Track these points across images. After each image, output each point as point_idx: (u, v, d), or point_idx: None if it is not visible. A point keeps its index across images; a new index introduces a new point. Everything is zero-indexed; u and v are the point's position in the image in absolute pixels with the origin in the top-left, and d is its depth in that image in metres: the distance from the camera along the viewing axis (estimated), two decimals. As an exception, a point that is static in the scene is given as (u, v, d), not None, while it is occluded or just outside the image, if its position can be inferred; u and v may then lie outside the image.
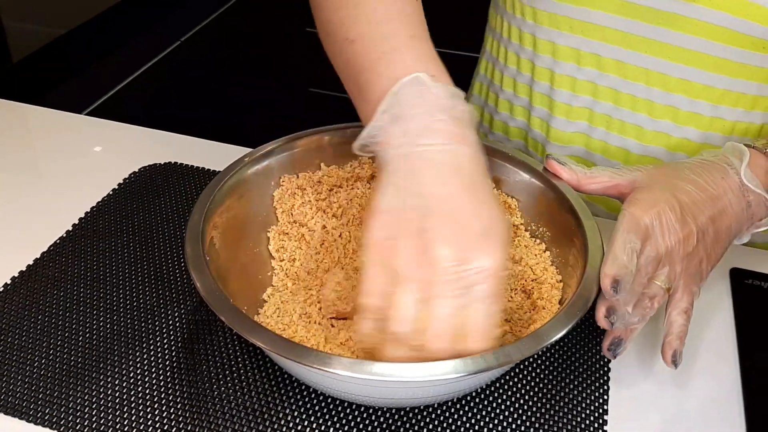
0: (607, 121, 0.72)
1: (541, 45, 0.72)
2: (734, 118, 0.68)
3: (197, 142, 0.85)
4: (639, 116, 0.71)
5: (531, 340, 0.46)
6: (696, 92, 0.67)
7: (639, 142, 0.72)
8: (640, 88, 0.69)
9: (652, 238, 0.52)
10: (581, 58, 0.71)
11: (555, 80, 0.73)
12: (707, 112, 0.68)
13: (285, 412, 0.53)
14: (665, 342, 0.54)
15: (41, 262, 0.66)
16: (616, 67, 0.69)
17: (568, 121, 0.74)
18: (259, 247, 0.63)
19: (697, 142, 0.70)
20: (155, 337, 0.59)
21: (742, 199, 0.56)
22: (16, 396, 0.54)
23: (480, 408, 0.54)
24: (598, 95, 0.72)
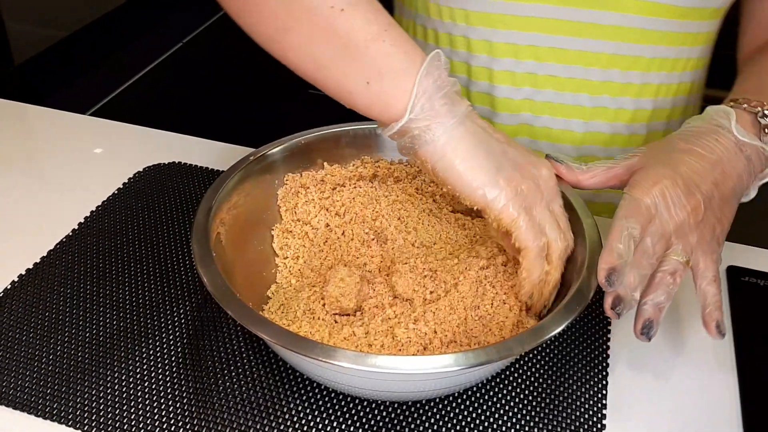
0: (550, 108, 0.75)
1: (475, 45, 0.73)
2: (659, 81, 0.74)
3: (200, 142, 0.86)
4: (580, 97, 0.73)
5: (531, 334, 0.47)
6: (628, 64, 0.71)
7: (582, 120, 0.74)
8: (578, 70, 0.72)
9: (656, 217, 0.53)
10: (519, 52, 0.72)
11: (494, 77, 0.74)
12: (638, 80, 0.73)
13: (290, 406, 0.54)
14: (705, 314, 0.54)
15: (48, 261, 0.67)
16: (554, 54, 0.71)
17: (511, 115, 0.75)
18: (264, 245, 0.63)
19: (630, 110, 0.75)
20: (161, 334, 0.60)
21: (741, 156, 0.57)
22: (24, 391, 0.55)
23: (481, 402, 0.55)
24: (538, 85, 0.73)
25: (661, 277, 0.53)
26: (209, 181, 0.77)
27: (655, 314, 0.53)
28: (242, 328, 0.60)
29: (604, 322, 0.62)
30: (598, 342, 0.61)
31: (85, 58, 2.49)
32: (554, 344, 0.60)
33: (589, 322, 0.62)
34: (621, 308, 0.51)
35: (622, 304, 0.51)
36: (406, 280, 0.57)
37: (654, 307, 0.53)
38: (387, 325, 0.54)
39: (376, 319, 0.55)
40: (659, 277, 0.53)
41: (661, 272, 0.53)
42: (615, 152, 0.76)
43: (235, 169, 0.61)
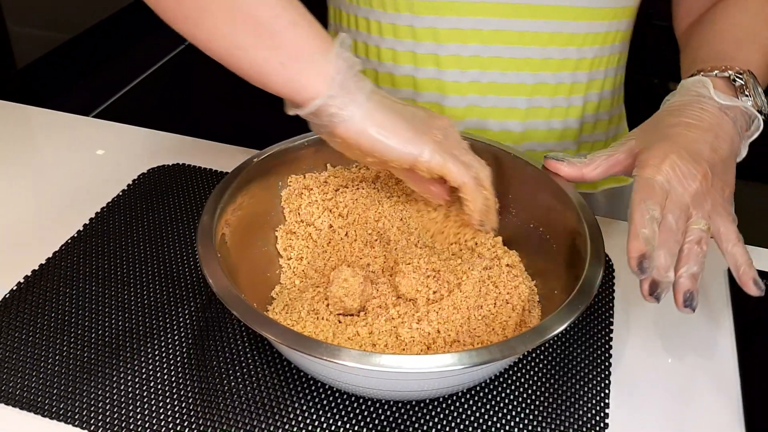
0: (495, 88, 0.76)
1: (421, 33, 0.74)
2: (593, 55, 0.76)
3: (205, 144, 0.86)
4: (522, 75, 0.75)
5: (534, 333, 0.47)
6: (565, 41, 0.74)
7: (525, 97, 0.76)
8: (520, 50, 0.74)
9: (672, 193, 0.54)
10: (464, 37, 0.74)
11: (441, 63, 0.75)
12: (575, 55, 0.75)
13: (294, 405, 0.55)
14: (741, 274, 0.55)
15: (53, 262, 0.67)
16: (497, 36, 0.73)
17: (460, 97, 0.77)
18: (268, 246, 0.64)
19: (568, 83, 0.77)
20: (166, 334, 0.60)
21: (727, 119, 0.59)
22: (31, 391, 0.55)
23: (485, 402, 0.55)
24: (483, 66, 0.75)
25: (689, 248, 0.54)
26: (213, 183, 0.78)
27: (692, 284, 0.53)
28: (247, 329, 0.61)
29: (606, 321, 0.63)
30: (601, 341, 0.61)
31: (88, 61, 2.49)
32: (557, 343, 0.60)
33: (592, 321, 0.63)
34: (659, 292, 0.52)
35: (659, 288, 0.52)
36: (409, 281, 0.57)
37: (690, 277, 0.53)
38: (391, 325, 0.55)
39: (380, 319, 0.55)
40: (687, 248, 0.54)
41: (688, 243, 0.54)
42: (556, 125, 0.79)
43: (239, 170, 0.62)
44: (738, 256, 0.55)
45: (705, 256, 0.54)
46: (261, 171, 0.63)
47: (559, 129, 0.79)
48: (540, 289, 0.61)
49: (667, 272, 0.52)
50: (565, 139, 0.80)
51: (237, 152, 0.83)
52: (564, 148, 0.81)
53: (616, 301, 0.65)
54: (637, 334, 0.62)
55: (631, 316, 0.64)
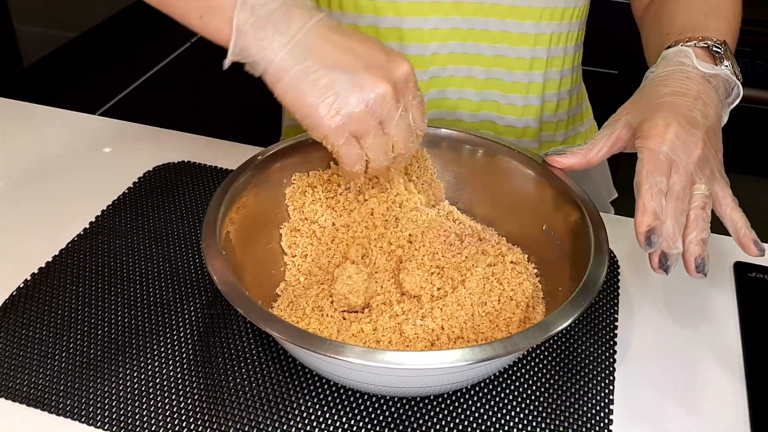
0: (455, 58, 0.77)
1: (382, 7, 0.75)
2: (551, 31, 0.77)
3: (210, 141, 0.86)
4: (480, 46, 0.76)
5: (538, 330, 0.48)
6: (521, 15, 0.75)
7: (482, 68, 0.78)
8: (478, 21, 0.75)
9: (677, 162, 0.54)
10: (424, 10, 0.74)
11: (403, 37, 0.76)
12: (533, 30, 0.76)
13: (299, 402, 0.55)
14: (741, 236, 0.55)
15: (59, 260, 0.68)
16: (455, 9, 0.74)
17: (422, 71, 0.77)
18: (272, 243, 0.64)
19: (527, 59, 0.78)
20: (172, 331, 0.61)
21: (710, 87, 0.60)
22: (38, 388, 0.56)
23: (489, 398, 0.56)
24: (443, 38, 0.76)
25: (696, 214, 0.54)
26: (218, 180, 0.78)
27: (702, 250, 0.54)
28: (252, 326, 0.61)
29: (611, 318, 0.63)
30: (605, 337, 0.61)
31: (94, 59, 2.50)
32: (561, 339, 0.60)
33: (597, 317, 0.63)
34: (669, 264, 0.53)
35: (668, 260, 0.53)
36: (413, 277, 0.58)
37: (699, 243, 0.53)
38: (395, 321, 0.55)
39: (384, 315, 0.55)
40: (693, 214, 0.54)
41: (693, 209, 0.54)
42: (515, 99, 0.80)
43: (243, 168, 0.62)
44: (737, 220, 0.55)
45: (710, 219, 0.54)
46: (265, 169, 0.64)
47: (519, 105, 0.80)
48: (544, 285, 0.61)
49: (675, 242, 0.53)
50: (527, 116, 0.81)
51: (242, 150, 0.83)
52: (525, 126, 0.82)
53: (620, 297, 0.65)
54: (642, 330, 0.62)
55: (635, 312, 0.64)
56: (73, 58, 2.45)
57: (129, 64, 2.53)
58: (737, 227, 0.55)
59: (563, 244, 0.61)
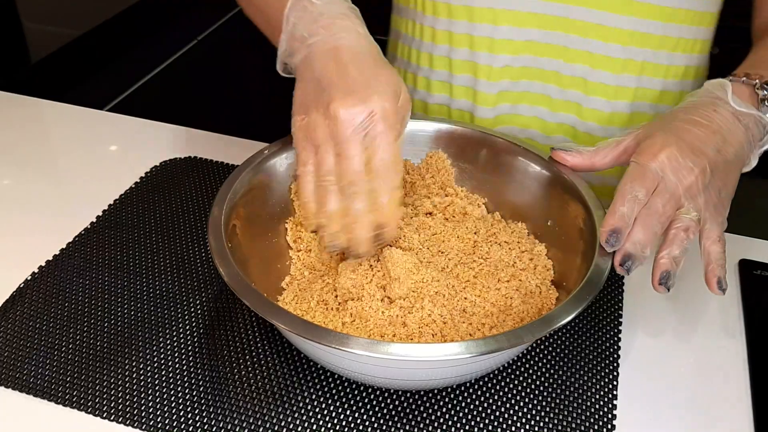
0: (528, 73, 0.75)
1: (456, 11, 0.74)
2: (642, 58, 0.72)
3: (216, 137, 0.87)
4: (558, 62, 0.74)
5: (541, 323, 0.48)
6: (609, 35, 0.71)
7: (559, 87, 0.75)
8: (558, 36, 0.72)
9: (664, 181, 0.54)
10: (497, 17, 0.73)
11: (474, 44, 0.75)
12: (619, 54, 0.72)
13: (304, 394, 0.55)
14: (708, 271, 0.55)
15: (67, 253, 0.68)
16: (533, 20, 0.72)
17: (491, 83, 0.76)
18: (278, 237, 0.64)
19: (612, 85, 0.74)
20: (178, 324, 0.61)
21: (739, 125, 0.58)
22: (45, 379, 0.56)
23: (492, 392, 0.56)
24: (517, 51, 0.74)
25: (675, 233, 0.54)
26: (224, 176, 0.78)
27: (672, 266, 0.53)
28: (257, 319, 0.61)
29: (616, 314, 0.63)
30: (610, 333, 0.61)
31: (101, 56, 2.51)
32: (566, 335, 0.61)
33: (602, 312, 0.63)
34: (629, 264, 0.52)
35: (630, 260, 0.52)
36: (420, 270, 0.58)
37: (670, 260, 0.53)
38: (400, 314, 0.55)
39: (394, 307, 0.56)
40: (672, 233, 0.54)
41: (675, 229, 0.54)
42: (594, 128, 0.77)
43: (249, 162, 0.62)
44: (713, 254, 0.55)
45: (690, 243, 0.54)
46: (271, 163, 0.64)
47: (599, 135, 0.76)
48: (555, 279, 0.61)
49: (644, 249, 0.53)
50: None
51: (247, 145, 0.84)
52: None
53: (625, 293, 0.65)
54: (646, 327, 0.63)
55: (640, 308, 0.64)
56: (81, 54, 2.46)
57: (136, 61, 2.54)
58: (709, 260, 0.55)
59: (568, 240, 0.61)
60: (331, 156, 0.54)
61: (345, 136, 0.53)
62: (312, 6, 0.58)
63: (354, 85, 0.53)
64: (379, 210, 0.54)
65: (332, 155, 0.54)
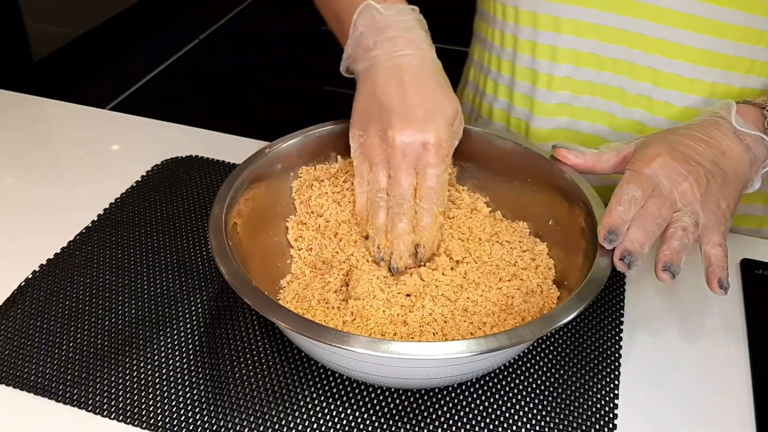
0: (590, 87, 0.73)
1: (522, 17, 0.73)
2: (712, 79, 0.69)
3: (217, 136, 0.87)
4: (621, 78, 0.72)
5: (543, 322, 0.48)
6: (674, 52, 0.68)
7: (622, 105, 0.73)
8: (620, 50, 0.70)
9: (659, 186, 0.54)
10: (560, 25, 0.71)
11: (537, 51, 0.74)
12: (685, 73, 0.69)
13: (304, 393, 0.55)
14: (708, 273, 0.54)
15: (68, 251, 0.68)
16: (595, 31, 0.70)
17: (550, 92, 0.75)
18: (279, 236, 0.64)
19: (678, 106, 0.71)
20: (178, 322, 0.61)
21: (740, 143, 0.58)
22: (45, 377, 0.56)
23: (494, 392, 0.56)
24: (578, 62, 0.72)
25: (673, 231, 0.54)
26: (225, 174, 0.78)
27: (674, 257, 0.53)
28: (258, 317, 0.61)
29: (617, 313, 0.63)
30: (611, 332, 0.61)
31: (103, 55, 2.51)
32: (567, 333, 0.60)
33: (603, 311, 0.63)
34: (629, 259, 0.52)
35: (630, 255, 0.52)
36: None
37: (671, 251, 0.53)
38: (401, 312, 0.55)
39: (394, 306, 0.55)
40: (670, 232, 0.54)
41: (673, 228, 0.54)
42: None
43: (250, 161, 0.62)
44: (713, 257, 0.54)
45: (690, 242, 0.54)
46: (272, 162, 0.64)
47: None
48: (557, 278, 0.61)
49: (642, 246, 0.53)
50: None
51: (249, 144, 0.84)
52: None
53: (627, 291, 0.65)
54: (648, 325, 0.62)
55: (641, 307, 0.64)
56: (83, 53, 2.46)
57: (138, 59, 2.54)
58: (709, 262, 0.54)
59: (569, 239, 0.61)
60: (384, 176, 0.59)
61: (398, 163, 0.58)
62: (379, 15, 0.59)
63: (413, 113, 0.58)
64: (420, 231, 0.59)
65: (385, 176, 0.59)
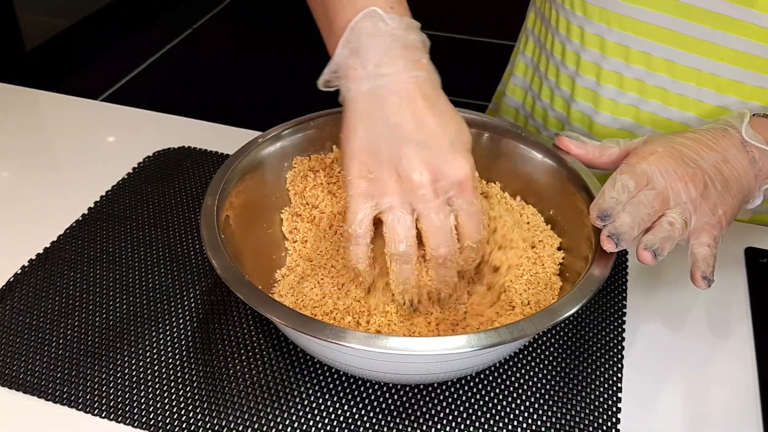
0: (653, 120, 0.71)
1: (588, 39, 0.71)
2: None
3: (210, 126, 0.85)
4: (688, 116, 0.70)
5: (545, 315, 0.46)
6: (747, 94, 0.67)
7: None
8: (690, 88, 0.68)
9: (653, 181, 0.53)
10: (630, 55, 0.69)
11: (602, 76, 0.72)
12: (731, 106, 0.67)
13: (300, 389, 0.54)
14: (692, 268, 0.53)
15: (58, 245, 0.67)
16: (665, 66, 0.68)
17: (614, 118, 0.73)
18: (273, 228, 0.63)
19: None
20: (171, 318, 0.60)
21: (746, 154, 0.57)
22: (35, 375, 0.55)
23: (494, 386, 0.55)
24: (645, 94, 0.71)
25: (658, 223, 0.53)
26: (218, 165, 0.76)
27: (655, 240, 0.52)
28: (252, 312, 0.60)
29: (620, 304, 0.62)
30: (613, 324, 0.60)
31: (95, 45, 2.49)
32: (569, 326, 0.59)
33: (604, 304, 0.62)
34: (617, 237, 0.51)
35: (617, 234, 0.51)
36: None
37: (654, 236, 0.52)
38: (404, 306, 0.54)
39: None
40: (656, 225, 0.53)
41: (659, 222, 0.53)
42: None
43: (243, 152, 0.61)
44: (699, 255, 0.53)
45: (675, 235, 0.52)
46: (265, 152, 0.62)
47: None
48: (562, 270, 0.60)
49: (632, 229, 0.51)
50: None
51: (242, 135, 0.82)
52: None
53: (629, 283, 0.64)
54: (650, 317, 0.61)
55: (644, 298, 0.63)
56: (75, 44, 2.44)
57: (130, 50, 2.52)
58: (694, 259, 0.53)
59: (571, 229, 0.59)
60: (409, 222, 0.51)
61: (432, 204, 0.50)
62: (385, 26, 0.51)
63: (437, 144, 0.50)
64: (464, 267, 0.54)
65: (410, 221, 0.51)
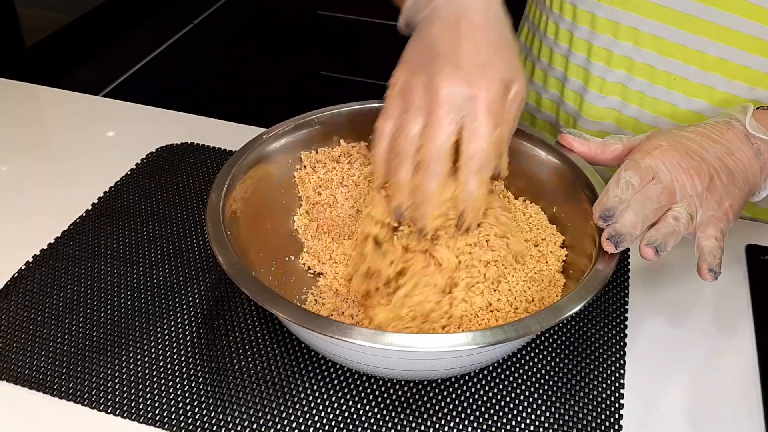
0: (640, 98, 0.72)
1: (580, 15, 0.71)
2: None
3: (213, 122, 0.85)
4: (674, 94, 0.70)
5: (549, 313, 0.47)
6: (733, 73, 0.66)
7: (672, 121, 0.71)
8: (676, 65, 0.68)
9: (659, 175, 0.53)
10: (618, 31, 0.69)
11: (592, 52, 0.72)
12: (744, 94, 0.67)
13: (305, 385, 0.54)
14: (698, 261, 0.53)
15: (62, 241, 0.67)
16: (653, 42, 0.68)
17: (601, 96, 0.73)
18: (280, 223, 0.63)
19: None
20: (176, 313, 0.60)
21: (750, 146, 0.57)
22: (40, 371, 0.55)
23: (497, 382, 0.55)
24: (633, 71, 0.71)
25: (663, 218, 0.53)
26: (222, 161, 0.77)
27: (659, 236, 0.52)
28: (256, 307, 0.60)
29: (622, 301, 0.62)
30: (616, 320, 0.60)
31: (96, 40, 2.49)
32: (572, 322, 0.59)
33: (607, 301, 0.62)
34: (616, 239, 0.51)
35: (618, 236, 0.51)
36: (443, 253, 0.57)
37: (658, 232, 0.52)
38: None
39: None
40: (661, 220, 0.53)
41: (664, 217, 0.53)
42: None
43: (248, 147, 0.61)
44: (706, 248, 0.53)
45: (680, 230, 0.52)
46: (271, 147, 0.62)
47: None
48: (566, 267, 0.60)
49: (634, 228, 0.52)
50: None
51: (246, 131, 0.82)
52: None
53: (631, 281, 0.64)
54: (652, 314, 0.62)
55: (645, 296, 0.63)
56: (77, 39, 2.44)
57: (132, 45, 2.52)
58: (701, 252, 0.53)
59: (574, 227, 0.60)
60: (418, 125, 0.52)
61: (439, 114, 0.51)
62: None
63: (465, 63, 0.51)
64: (463, 197, 0.53)
65: (419, 124, 0.52)
